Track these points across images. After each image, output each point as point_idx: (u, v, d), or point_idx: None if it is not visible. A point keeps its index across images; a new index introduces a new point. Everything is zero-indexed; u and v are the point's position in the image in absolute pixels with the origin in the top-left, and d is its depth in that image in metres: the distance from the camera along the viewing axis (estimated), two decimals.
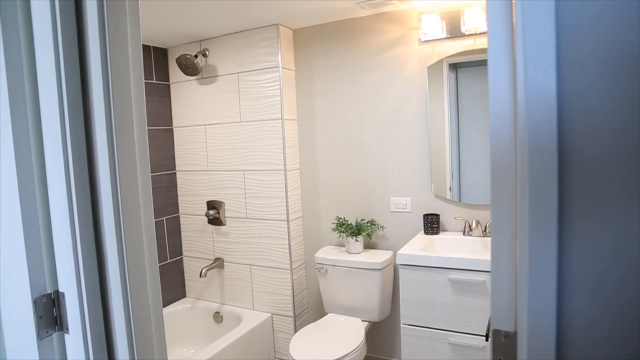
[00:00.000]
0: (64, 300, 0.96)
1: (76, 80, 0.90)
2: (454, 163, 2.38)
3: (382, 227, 2.59)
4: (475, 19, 2.19)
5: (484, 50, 2.24)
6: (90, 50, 0.89)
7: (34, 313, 0.94)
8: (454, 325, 1.97)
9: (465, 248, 2.23)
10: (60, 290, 0.97)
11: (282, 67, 2.61)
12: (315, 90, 2.71)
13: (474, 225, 2.26)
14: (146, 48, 2.84)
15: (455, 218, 2.37)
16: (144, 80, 0.97)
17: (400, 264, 2.06)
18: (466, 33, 2.26)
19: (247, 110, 2.73)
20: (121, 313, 0.95)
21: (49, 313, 0.97)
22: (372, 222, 2.57)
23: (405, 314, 2.08)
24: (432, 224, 2.36)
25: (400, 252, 2.06)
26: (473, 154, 2.34)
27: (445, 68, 2.36)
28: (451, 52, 2.32)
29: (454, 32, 2.30)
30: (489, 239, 2.21)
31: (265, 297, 2.83)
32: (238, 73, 2.73)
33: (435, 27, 2.31)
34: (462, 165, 2.37)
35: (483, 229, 2.27)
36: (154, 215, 2.89)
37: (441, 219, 2.42)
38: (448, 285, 1.96)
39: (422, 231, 2.43)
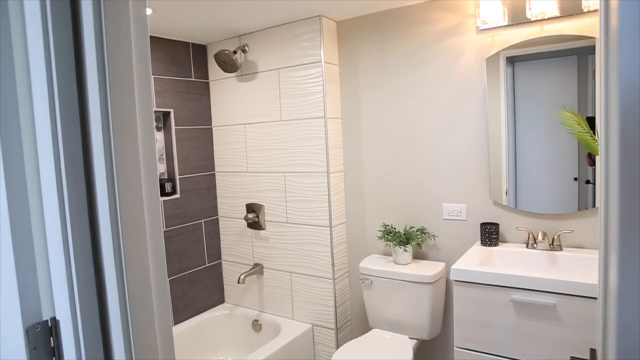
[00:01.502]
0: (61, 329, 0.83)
1: (70, 74, 0.75)
2: (511, 167, 2.12)
3: (433, 235, 2.36)
4: (544, 2, 1.92)
5: (552, 39, 1.97)
6: (85, 36, 0.74)
7: (26, 344, 0.80)
8: (517, 352, 1.72)
9: (530, 264, 1.97)
10: (57, 317, 0.83)
11: (325, 62, 2.43)
12: (360, 87, 2.51)
13: (539, 237, 1.98)
14: (185, 45, 2.74)
15: (517, 228, 2.10)
16: (151, 76, 0.81)
17: (455, 280, 1.83)
18: (532, 19, 1.99)
19: (287, 108, 2.57)
20: (121, 344, 0.80)
21: (45, 343, 0.83)
22: (422, 231, 2.34)
23: (460, 335, 1.85)
24: (490, 234, 2.10)
25: (454, 266, 1.83)
26: (531, 158, 2.07)
27: (502, 62, 2.10)
28: (513, 41, 2.06)
29: (517, 18, 2.04)
30: (557, 253, 1.94)
31: (305, 306, 2.67)
32: (278, 69, 2.57)
33: (496, 14, 2.05)
34: (520, 171, 2.10)
35: (550, 242, 1.99)
36: (192, 217, 2.83)
37: (500, 228, 2.16)
38: (510, 306, 1.71)
39: (479, 242, 2.18)
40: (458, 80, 2.22)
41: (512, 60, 2.09)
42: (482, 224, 2.14)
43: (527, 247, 2.04)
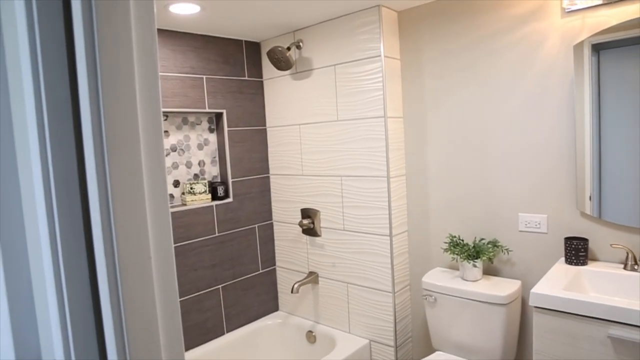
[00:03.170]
0: None
1: (62, 77, 0.62)
2: (595, 170, 1.81)
3: (507, 249, 2.08)
4: None
5: None
6: (75, 35, 0.60)
7: None
8: None
9: (630, 290, 1.65)
10: None
11: (385, 56, 2.22)
12: (425, 83, 2.27)
13: None
14: (237, 42, 2.63)
15: (611, 245, 1.78)
16: (159, 78, 0.67)
17: (536, 307, 1.56)
18: None
19: (344, 107, 2.39)
20: None
21: None
22: (494, 243, 2.07)
23: None
24: (577, 251, 1.80)
25: (535, 290, 1.57)
26: (619, 158, 1.74)
27: (587, 50, 1.79)
28: (609, 23, 1.74)
29: None
30: None
31: (362, 320, 2.48)
32: (335, 65, 2.39)
33: None
34: (605, 175, 1.78)
35: None
36: (245, 222, 2.72)
37: (590, 244, 1.85)
38: (608, 344, 1.42)
39: (563, 259, 1.89)
40: (538, 73, 1.92)
41: (597, 48, 1.77)
42: (567, 239, 1.84)
43: (625, 268, 1.72)
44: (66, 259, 0.63)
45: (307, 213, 2.67)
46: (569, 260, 1.83)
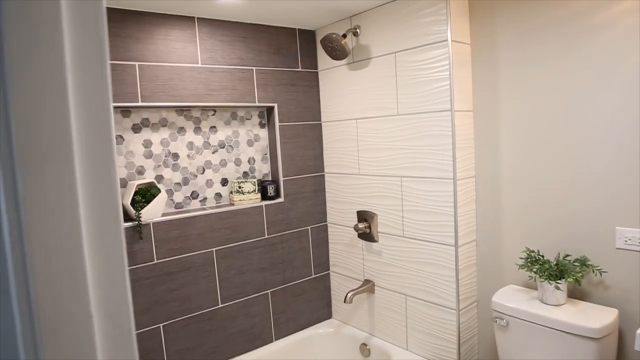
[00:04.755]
0: None
1: None
2: None
3: (599, 270, 1.73)
4: None
5: None
6: None
7: None
8: None
9: None
10: None
11: (453, 41, 1.93)
12: (499, 71, 1.96)
13: None
14: (290, 31, 2.45)
15: None
16: (107, 54, 0.48)
17: None
18: None
19: (406, 99, 2.13)
20: None
21: None
22: (583, 262, 1.73)
23: None
24: None
25: None
26: None
27: None
28: None
29: None
30: None
31: (422, 337, 2.22)
32: (395, 52, 2.14)
33: None
34: None
35: None
36: (297, 223, 2.53)
37: None
38: None
39: None
40: None
41: None
42: None
43: None
44: None
45: (363, 216, 2.45)
46: None
